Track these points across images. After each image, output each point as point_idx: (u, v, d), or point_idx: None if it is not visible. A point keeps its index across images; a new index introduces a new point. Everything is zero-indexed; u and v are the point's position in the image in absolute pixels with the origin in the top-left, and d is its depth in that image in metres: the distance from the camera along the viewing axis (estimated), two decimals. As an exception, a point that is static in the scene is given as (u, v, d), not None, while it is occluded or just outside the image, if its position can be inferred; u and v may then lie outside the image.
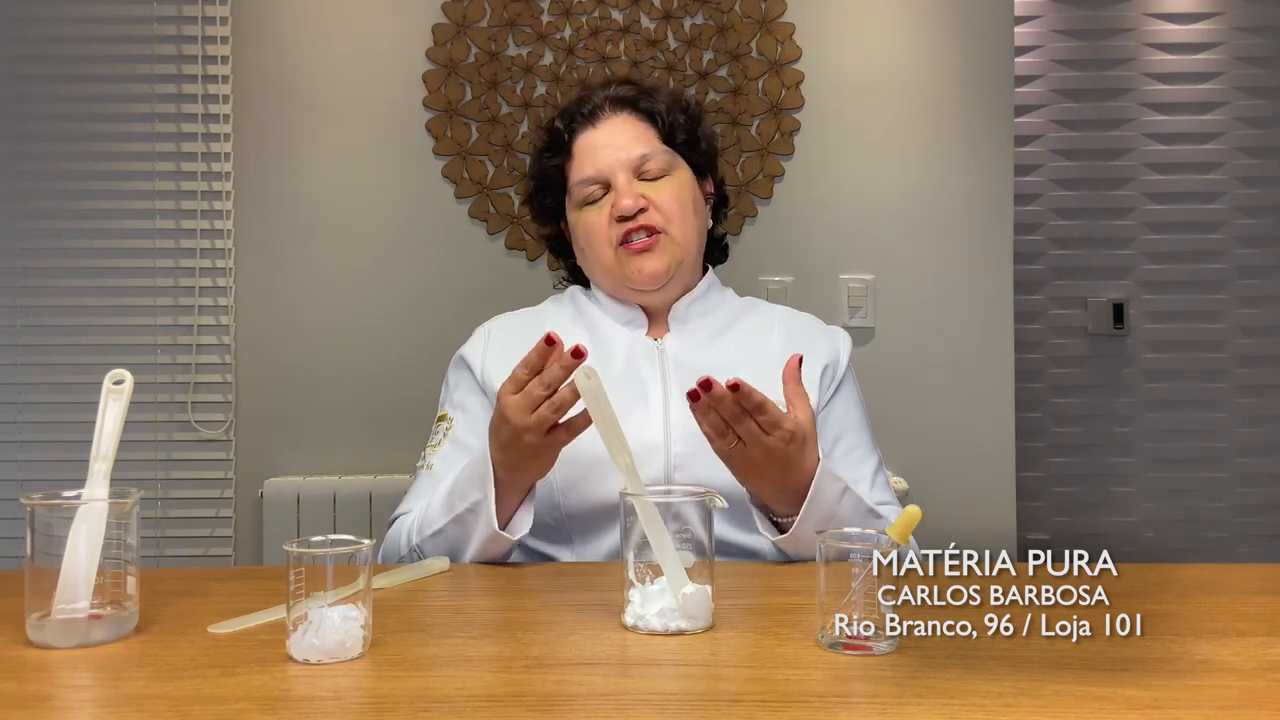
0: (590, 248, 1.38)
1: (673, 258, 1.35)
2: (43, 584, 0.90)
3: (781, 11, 2.49)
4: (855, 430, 1.39)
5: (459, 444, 1.33)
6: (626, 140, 1.37)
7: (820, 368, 1.38)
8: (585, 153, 1.38)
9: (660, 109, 1.40)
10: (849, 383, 1.41)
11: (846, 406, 1.40)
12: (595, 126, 1.39)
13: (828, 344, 1.42)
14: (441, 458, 1.33)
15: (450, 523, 1.20)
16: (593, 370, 1.01)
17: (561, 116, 1.42)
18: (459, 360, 1.41)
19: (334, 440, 2.48)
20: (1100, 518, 3.21)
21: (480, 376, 1.37)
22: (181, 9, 2.45)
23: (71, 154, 2.46)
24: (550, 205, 1.44)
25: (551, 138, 1.42)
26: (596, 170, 1.36)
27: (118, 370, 0.98)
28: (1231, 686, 0.79)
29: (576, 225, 1.40)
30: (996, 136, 2.51)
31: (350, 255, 2.49)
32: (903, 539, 0.88)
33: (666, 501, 0.95)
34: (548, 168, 1.42)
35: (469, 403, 1.37)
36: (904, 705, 0.75)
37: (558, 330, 1.36)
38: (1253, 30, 3.17)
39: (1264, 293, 3.20)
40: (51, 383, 2.46)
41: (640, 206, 1.34)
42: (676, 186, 1.37)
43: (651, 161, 1.36)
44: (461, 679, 0.81)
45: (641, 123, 1.39)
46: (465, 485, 1.20)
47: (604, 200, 1.36)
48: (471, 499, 1.18)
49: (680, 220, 1.36)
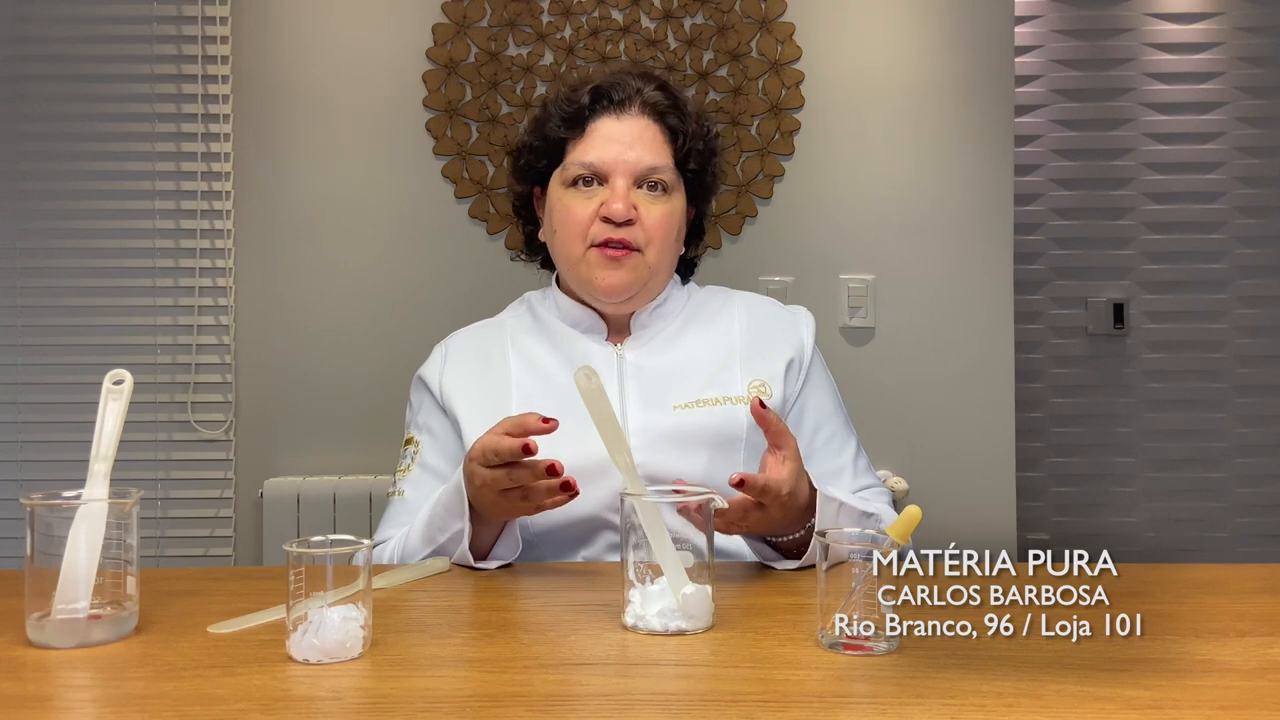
0: (563, 233, 1.33)
1: (638, 278, 1.32)
2: (43, 584, 0.90)
3: (781, 11, 2.49)
4: (830, 418, 1.37)
5: (427, 468, 1.33)
6: (641, 145, 1.33)
7: (785, 362, 1.36)
8: (597, 138, 1.33)
9: (686, 130, 1.36)
10: (817, 369, 1.39)
11: (818, 395, 1.38)
12: (618, 118, 1.34)
13: (791, 332, 1.39)
14: (411, 484, 1.32)
15: (430, 555, 1.20)
16: (593, 371, 1.01)
17: (590, 93, 1.35)
18: (418, 381, 1.39)
19: (334, 440, 2.48)
20: (1100, 518, 3.21)
21: (440, 396, 1.35)
22: (181, 9, 2.45)
23: (71, 154, 2.46)
24: (539, 169, 1.39)
25: (571, 109, 1.35)
26: (601, 160, 1.32)
27: (118, 370, 0.98)
28: (1231, 686, 0.79)
29: (556, 204, 1.35)
30: (996, 136, 2.51)
31: (350, 255, 2.49)
32: (903, 539, 0.88)
33: (666, 502, 0.95)
34: (554, 136, 1.36)
35: (432, 424, 1.35)
36: (904, 705, 0.75)
37: (516, 344, 1.36)
38: (1253, 30, 3.17)
39: (1264, 293, 3.20)
40: (51, 383, 2.46)
41: (630, 218, 1.30)
42: (669, 212, 1.33)
43: (656, 175, 1.33)
44: (461, 679, 0.82)
45: (662, 135, 1.35)
46: (442, 516, 1.20)
47: (594, 192, 1.32)
48: (450, 530, 1.18)
49: (660, 246, 1.32)
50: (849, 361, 2.46)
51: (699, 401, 1.30)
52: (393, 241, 2.49)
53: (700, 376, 1.33)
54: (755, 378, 1.34)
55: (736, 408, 1.30)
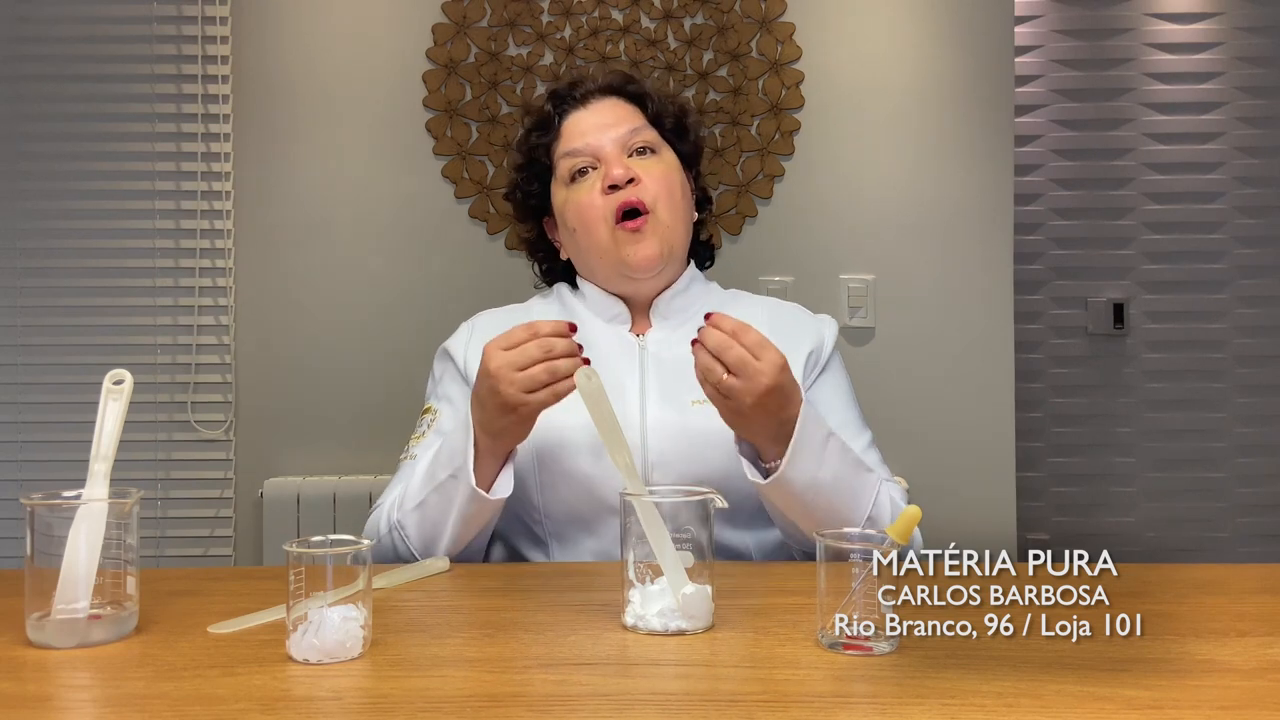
0: (583, 227, 1.35)
1: (663, 241, 1.33)
2: (43, 584, 0.90)
3: (781, 11, 2.49)
4: (843, 409, 1.37)
5: (442, 434, 1.33)
6: (615, 118, 1.37)
7: (805, 353, 1.37)
8: (573, 131, 1.37)
9: (648, 92, 1.41)
10: (835, 366, 1.40)
11: (833, 388, 1.38)
12: (585, 108, 1.39)
13: (813, 329, 1.41)
14: (425, 447, 1.32)
15: (432, 492, 1.20)
16: (593, 371, 1.01)
17: (550, 99, 1.41)
18: (443, 353, 1.41)
19: (334, 440, 2.48)
20: (1100, 518, 3.21)
21: (463, 369, 1.36)
22: (181, 9, 2.45)
23: (71, 154, 2.46)
24: (535, 194, 1.41)
25: (540, 119, 1.41)
26: (585, 144, 1.35)
27: (118, 370, 0.98)
28: (1231, 686, 0.79)
29: (566, 207, 1.36)
30: (996, 136, 2.51)
31: (350, 255, 2.49)
32: (903, 539, 0.88)
33: (666, 501, 0.95)
34: (534, 146, 1.40)
35: (452, 393, 1.36)
36: (904, 705, 0.75)
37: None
38: (1253, 30, 3.17)
39: (1264, 293, 3.20)
40: (51, 383, 2.46)
41: (630, 177, 1.32)
42: (665, 167, 1.36)
43: (639, 136, 1.36)
44: (461, 679, 0.81)
45: (629, 104, 1.40)
46: (446, 455, 1.21)
47: (594, 176, 1.34)
48: (454, 465, 1.18)
49: (668, 201, 1.34)
50: (849, 361, 2.41)
51: None
52: (392, 241, 2.49)
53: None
54: None
55: None
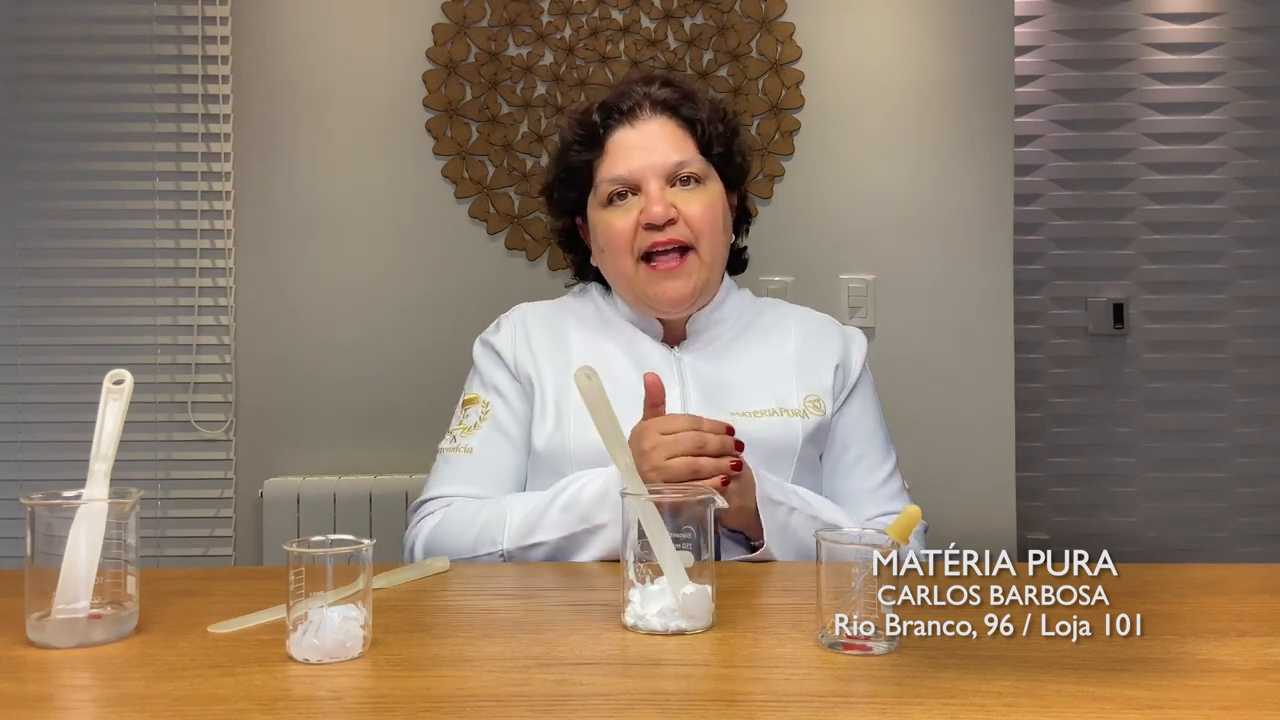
0: (610, 253, 1.34)
1: (699, 280, 1.32)
2: (43, 584, 0.90)
3: (781, 11, 2.49)
4: (866, 437, 1.38)
5: (500, 429, 1.32)
6: (664, 145, 1.32)
7: (833, 366, 1.37)
8: (619, 152, 1.33)
9: (701, 117, 1.35)
10: (864, 386, 1.40)
11: (861, 409, 1.39)
12: (633, 126, 1.34)
13: (842, 343, 1.41)
14: (481, 440, 1.32)
15: (564, 539, 1.21)
16: (593, 371, 1.01)
17: (599, 110, 1.36)
18: (485, 346, 1.39)
19: (334, 440, 2.48)
20: (1100, 518, 3.21)
21: (513, 364, 1.35)
22: (181, 9, 2.45)
23: (71, 154, 2.46)
24: (572, 199, 1.39)
25: (585, 131, 1.36)
26: (629, 171, 1.32)
27: (118, 370, 0.98)
28: (1231, 686, 0.79)
29: (598, 225, 1.35)
30: (996, 136, 2.51)
31: (350, 255, 2.49)
32: (903, 539, 0.88)
33: (666, 501, 0.95)
34: (577, 162, 1.36)
35: (505, 388, 1.35)
36: (904, 705, 0.75)
37: (580, 329, 1.37)
38: (1253, 30, 3.17)
39: (1264, 293, 3.20)
40: (51, 383, 2.46)
41: (670, 218, 1.29)
42: (709, 200, 1.33)
43: (687, 169, 1.32)
44: (461, 679, 0.81)
45: (681, 129, 1.35)
46: (591, 507, 1.19)
47: (631, 204, 1.32)
48: (596, 520, 1.19)
49: (710, 237, 1.32)
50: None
51: (755, 412, 1.31)
52: (392, 241, 2.49)
53: (757, 387, 1.33)
54: (810, 392, 1.34)
55: (792, 420, 1.31)
